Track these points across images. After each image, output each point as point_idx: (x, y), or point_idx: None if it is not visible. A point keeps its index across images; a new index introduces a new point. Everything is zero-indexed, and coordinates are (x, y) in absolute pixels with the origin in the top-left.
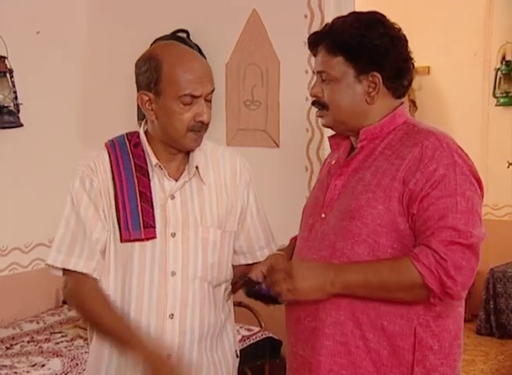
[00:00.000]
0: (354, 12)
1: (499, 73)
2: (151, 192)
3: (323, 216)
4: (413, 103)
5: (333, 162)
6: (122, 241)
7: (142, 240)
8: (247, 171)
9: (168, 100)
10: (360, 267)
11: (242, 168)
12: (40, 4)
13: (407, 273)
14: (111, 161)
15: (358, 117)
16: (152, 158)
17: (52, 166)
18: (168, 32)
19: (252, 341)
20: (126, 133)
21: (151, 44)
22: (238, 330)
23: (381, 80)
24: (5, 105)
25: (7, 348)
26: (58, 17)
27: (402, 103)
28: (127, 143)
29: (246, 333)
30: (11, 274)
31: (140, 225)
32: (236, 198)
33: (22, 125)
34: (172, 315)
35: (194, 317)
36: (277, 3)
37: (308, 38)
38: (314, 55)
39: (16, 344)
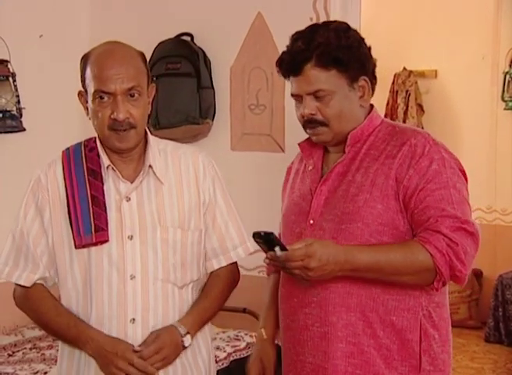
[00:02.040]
0: (322, 24)
1: (507, 76)
2: (103, 195)
3: (311, 222)
4: (420, 107)
5: (310, 168)
6: (76, 247)
7: (94, 244)
8: (213, 168)
9: (90, 98)
10: (370, 250)
11: (206, 165)
12: (43, 7)
13: (418, 255)
14: (63, 168)
15: (354, 123)
16: (105, 161)
17: None
18: (172, 35)
19: None
20: (85, 140)
21: (155, 48)
22: (242, 337)
23: (369, 84)
24: (8, 109)
25: (9, 355)
26: (61, 21)
27: (372, 105)
28: (82, 149)
29: (250, 339)
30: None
31: (91, 229)
32: (198, 194)
33: (24, 129)
34: (134, 319)
35: (157, 321)
36: (282, 6)
37: (291, 61)
38: (293, 76)
39: (18, 351)
